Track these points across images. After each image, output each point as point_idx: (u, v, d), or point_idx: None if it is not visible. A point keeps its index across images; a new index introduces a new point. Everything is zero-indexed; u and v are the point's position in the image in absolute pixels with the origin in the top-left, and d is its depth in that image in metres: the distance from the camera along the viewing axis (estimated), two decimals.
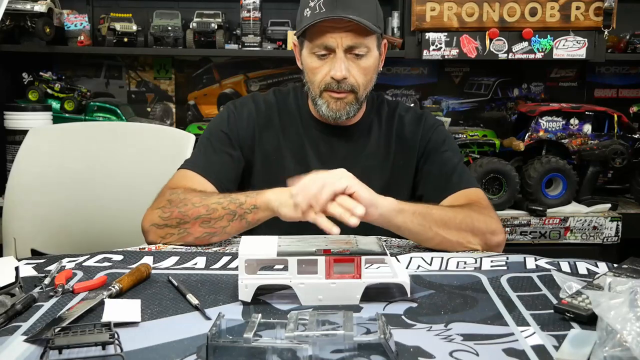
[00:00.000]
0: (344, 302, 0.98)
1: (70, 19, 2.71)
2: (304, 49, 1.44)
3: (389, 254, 1.01)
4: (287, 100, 1.55)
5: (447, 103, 2.97)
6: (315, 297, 0.98)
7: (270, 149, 1.50)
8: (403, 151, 1.52)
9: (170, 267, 1.16)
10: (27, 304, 0.95)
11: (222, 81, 2.96)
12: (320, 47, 1.38)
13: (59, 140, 1.86)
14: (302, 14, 1.40)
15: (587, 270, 1.15)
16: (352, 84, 1.41)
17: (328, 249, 0.99)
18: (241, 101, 1.56)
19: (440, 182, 1.46)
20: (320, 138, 1.51)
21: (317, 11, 1.35)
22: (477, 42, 2.56)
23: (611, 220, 2.41)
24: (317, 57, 1.40)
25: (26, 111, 2.52)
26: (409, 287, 1.00)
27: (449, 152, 1.51)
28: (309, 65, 1.43)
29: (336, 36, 1.36)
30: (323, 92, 1.42)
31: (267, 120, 1.52)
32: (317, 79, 1.42)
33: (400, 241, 1.38)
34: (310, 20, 1.36)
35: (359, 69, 1.41)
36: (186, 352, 0.81)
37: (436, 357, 0.80)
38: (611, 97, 2.98)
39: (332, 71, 1.38)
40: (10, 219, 1.77)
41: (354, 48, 1.38)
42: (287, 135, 1.51)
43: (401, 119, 1.55)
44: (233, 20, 2.78)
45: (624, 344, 0.73)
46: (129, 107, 2.77)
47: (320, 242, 1.04)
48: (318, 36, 1.37)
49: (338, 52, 1.38)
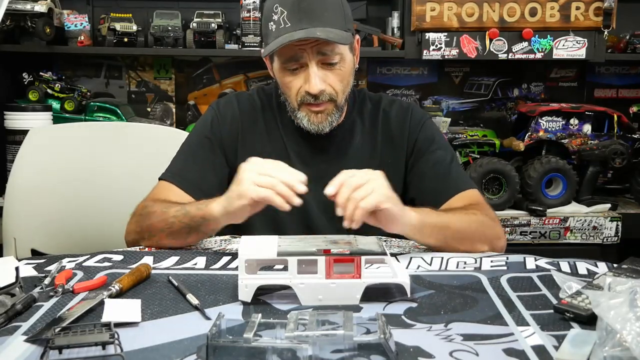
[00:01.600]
0: (344, 302, 0.98)
1: (70, 19, 2.71)
2: (274, 63, 1.39)
3: (389, 254, 1.01)
4: (270, 100, 1.52)
5: (447, 103, 2.97)
6: (315, 297, 0.98)
7: (254, 151, 1.45)
8: (391, 148, 1.48)
9: (170, 267, 1.16)
10: (27, 304, 0.95)
11: (222, 81, 2.96)
12: (291, 62, 1.34)
13: (59, 140, 1.86)
14: (268, 28, 1.35)
15: (587, 270, 1.15)
16: (330, 94, 1.36)
17: (328, 249, 0.99)
18: (225, 101, 1.52)
19: (437, 185, 1.43)
20: (301, 143, 1.47)
21: (282, 26, 1.30)
22: (477, 42, 2.56)
23: (611, 220, 2.41)
24: (289, 72, 1.35)
25: (26, 111, 2.52)
26: (409, 287, 1.00)
27: (440, 151, 1.47)
28: (282, 80, 1.38)
29: (307, 50, 1.31)
30: (301, 106, 1.38)
31: (251, 121, 1.49)
32: (292, 93, 1.37)
33: (400, 241, 1.38)
34: (276, 39, 1.31)
35: (335, 76, 1.36)
36: (186, 352, 0.81)
37: (436, 357, 0.80)
38: (611, 97, 2.98)
39: (307, 86, 1.33)
40: (10, 219, 1.77)
41: (326, 58, 1.33)
42: (271, 137, 1.48)
43: (386, 114, 1.50)
44: (233, 20, 2.78)
45: (623, 344, 0.73)
46: (129, 107, 2.77)
47: (320, 242, 1.04)
48: (287, 52, 1.32)
49: (310, 67, 1.32)
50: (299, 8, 1.30)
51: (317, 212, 1.44)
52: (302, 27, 1.29)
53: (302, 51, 1.32)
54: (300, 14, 1.29)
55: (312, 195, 1.45)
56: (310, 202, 1.45)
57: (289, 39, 1.28)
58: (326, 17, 1.31)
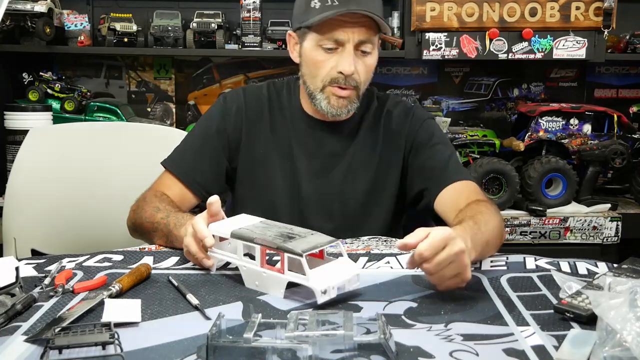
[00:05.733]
0: (273, 293, 1.03)
1: (70, 19, 2.71)
2: (306, 41, 1.40)
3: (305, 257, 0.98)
4: (280, 94, 1.53)
5: (447, 103, 2.97)
6: (254, 282, 1.06)
7: (258, 144, 1.49)
8: (390, 146, 1.50)
9: (170, 267, 1.17)
10: (27, 304, 0.95)
11: (222, 81, 2.95)
12: (330, 40, 1.36)
13: (59, 140, 1.86)
14: (309, 5, 1.36)
15: (587, 270, 1.15)
16: (357, 80, 1.38)
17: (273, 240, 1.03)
18: (232, 94, 1.54)
19: (435, 174, 1.43)
20: (308, 133, 1.49)
21: (330, 4, 1.33)
22: (477, 42, 2.56)
23: (611, 220, 2.41)
24: (323, 50, 1.37)
25: (26, 111, 2.52)
26: (319, 293, 0.96)
27: (440, 145, 1.48)
28: (313, 58, 1.39)
29: (348, 31, 1.34)
30: (326, 87, 1.39)
31: (257, 114, 1.50)
32: (321, 73, 1.39)
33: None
34: (322, 12, 1.32)
35: (364, 66, 1.39)
36: (186, 352, 0.81)
37: (436, 357, 0.80)
38: (611, 97, 2.98)
39: (341, 66, 1.36)
40: (10, 219, 1.77)
41: (362, 44, 1.36)
42: (276, 131, 1.50)
43: (389, 113, 1.52)
44: (233, 20, 2.77)
45: (623, 344, 0.73)
46: (129, 107, 2.77)
47: (282, 230, 1.08)
48: (329, 29, 1.34)
49: (348, 47, 1.35)
50: None
51: (315, 208, 1.45)
52: (349, 7, 1.32)
53: (344, 31, 1.34)
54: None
55: (313, 190, 1.46)
56: (311, 196, 1.46)
57: (339, 10, 1.31)
58: (371, 5, 1.35)
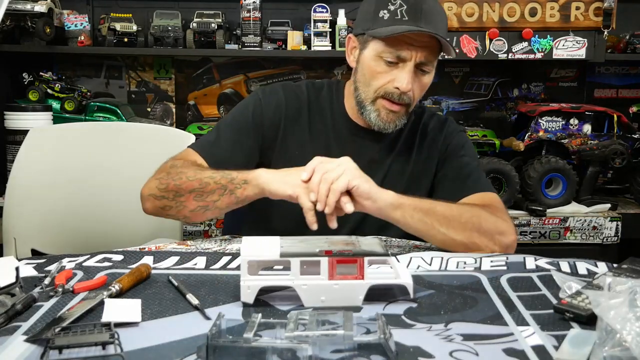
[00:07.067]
0: (346, 304, 0.97)
1: (70, 19, 2.71)
2: (367, 49, 1.39)
3: (391, 255, 1.01)
4: (319, 95, 1.52)
5: (447, 103, 2.97)
6: (318, 298, 0.98)
7: (294, 143, 1.47)
8: (424, 156, 1.51)
9: (170, 267, 1.17)
10: (27, 304, 0.95)
11: (222, 81, 2.95)
12: (393, 55, 1.35)
13: (59, 140, 1.86)
14: (377, 14, 1.36)
15: (587, 270, 1.15)
16: (410, 98, 1.39)
17: (330, 249, 0.99)
18: (271, 89, 1.52)
19: (456, 184, 1.44)
20: (349, 139, 1.48)
21: (399, 17, 1.33)
22: (477, 42, 2.56)
23: (611, 220, 2.41)
24: (384, 62, 1.37)
25: (26, 111, 2.52)
26: (412, 288, 1.00)
27: (467, 157, 1.49)
28: (372, 68, 1.38)
29: (413, 49, 1.34)
30: (378, 99, 1.39)
31: (296, 113, 1.49)
32: (376, 84, 1.38)
33: (400, 241, 1.38)
34: (391, 25, 1.33)
35: (419, 84, 1.39)
36: (186, 352, 0.81)
37: (436, 357, 0.80)
38: (611, 97, 2.98)
39: (399, 82, 1.35)
40: (10, 219, 1.77)
41: (423, 65, 1.37)
42: (314, 132, 1.48)
43: (425, 126, 1.53)
44: (233, 20, 2.78)
45: (623, 344, 0.73)
46: (129, 107, 2.77)
47: (322, 243, 1.04)
48: (394, 44, 1.34)
49: (409, 65, 1.35)
50: (421, 8, 1.34)
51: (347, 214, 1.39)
52: (419, 25, 1.32)
53: (409, 48, 1.34)
54: (420, 13, 1.33)
55: None
56: None
57: (410, 28, 1.31)
58: (440, 26, 1.35)
